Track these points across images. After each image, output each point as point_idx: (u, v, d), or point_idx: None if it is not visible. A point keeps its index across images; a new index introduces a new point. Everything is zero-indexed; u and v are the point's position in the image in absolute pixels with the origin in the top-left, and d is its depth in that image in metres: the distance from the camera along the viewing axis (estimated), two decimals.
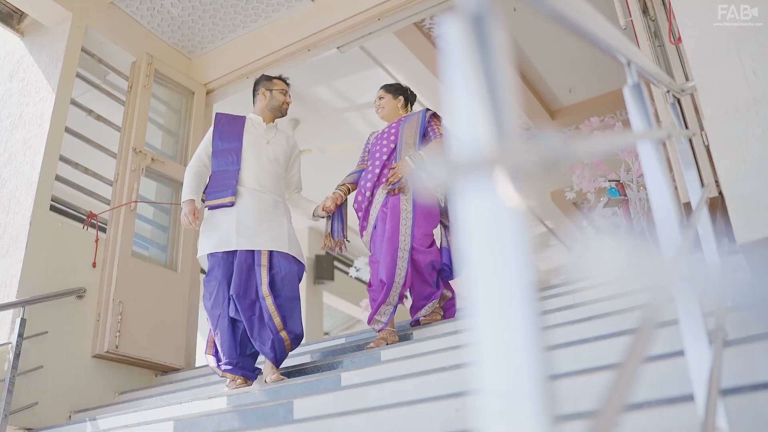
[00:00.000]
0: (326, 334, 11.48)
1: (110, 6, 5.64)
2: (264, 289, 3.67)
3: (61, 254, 4.73)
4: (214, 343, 3.73)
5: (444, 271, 4.10)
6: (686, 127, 3.32)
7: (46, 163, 4.79)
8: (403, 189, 3.97)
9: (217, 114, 4.16)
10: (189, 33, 6.11)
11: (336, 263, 10.56)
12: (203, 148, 4.06)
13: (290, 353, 3.89)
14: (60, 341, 4.55)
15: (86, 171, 5.24)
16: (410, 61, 7.02)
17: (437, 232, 4.22)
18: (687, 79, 3.64)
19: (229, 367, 3.66)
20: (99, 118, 5.46)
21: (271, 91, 4.16)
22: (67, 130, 5.07)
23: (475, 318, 0.47)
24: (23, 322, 4.23)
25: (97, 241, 4.98)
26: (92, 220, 4.99)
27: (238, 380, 3.65)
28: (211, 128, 4.10)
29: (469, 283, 0.48)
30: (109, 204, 5.24)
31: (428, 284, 3.95)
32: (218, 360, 3.71)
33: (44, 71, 5.17)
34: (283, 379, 3.53)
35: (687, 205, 3.22)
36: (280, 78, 4.24)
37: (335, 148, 7.81)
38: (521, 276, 0.46)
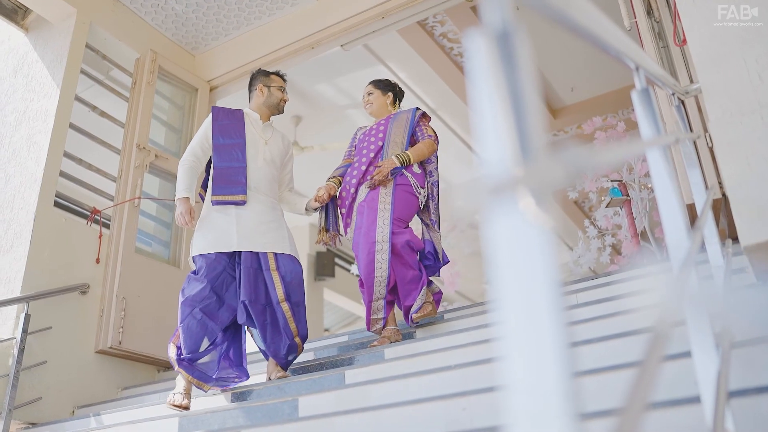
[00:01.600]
0: (326, 330, 11.50)
1: (115, 2, 5.65)
2: (280, 294, 3.58)
3: (64, 250, 4.75)
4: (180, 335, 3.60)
5: (426, 259, 4.05)
6: (690, 129, 3.33)
7: (50, 159, 4.79)
8: (384, 183, 3.92)
9: (214, 108, 4.05)
10: (193, 30, 6.12)
11: (337, 260, 10.57)
12: (198, 142, 3.91)
13: None
14: (64, 337, 4.56)
15: (90, 167, 5.25)
16: (413, 59, 7.03)
17: (418, 229, 4.19)
18: (691, 80, 3.66)
19: (186, 365, 3.49)
20: (103, 114, 5.47)
21: (269, 87, 4.06)
22: (72, 126, 5.09)
23: (504, 328, 0.49)
24: (27, 317, 4.24)
25: (100, 237, 4.99)
26: (96, 216, 5.01)
27: (182, 392, 3.42)
28: (208, 122, 3.96)
29: (498, 296, 0.49)
30: (112, 200, 5.25)
31: (409, 266, 3.81)
32: (179, 353, 3.55)
33: (48, 67, 5.18)
34: (287, 376, 3.54)
35: (690, 207, 3.24)
36: (277, 74, 4.15)
37: (337, 146, 7.82)
38: (548, 294, 0.48)
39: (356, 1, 5.55)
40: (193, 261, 3.72)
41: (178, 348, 3.57)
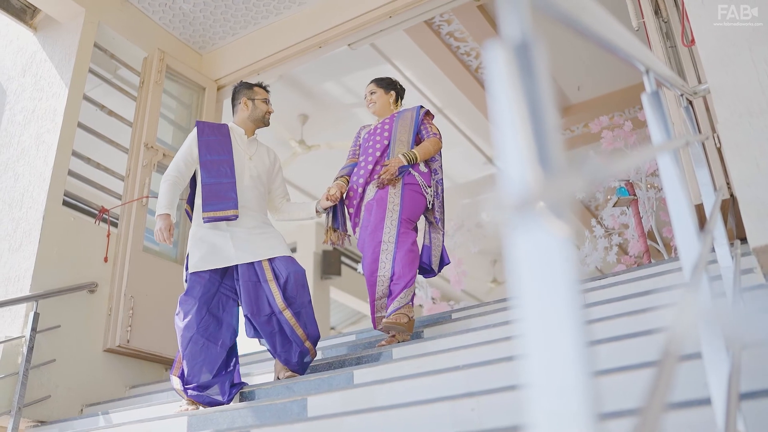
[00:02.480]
0: (332, 329, 11.52)
1: (123, 2, 5.67)
2: (280, 303, 3.55)
3: (73, 249, 4.77)
4: (182, 364, 3.54)
5: (424, 270, 4.07)
6: (698, 129, 3.33)
7: (58, 158, 4.81)
8: (393, 183, 3.91)
9: (198, 123, 3.97)
10: (200, 29, 6.14)
11: (343, 258, 10.59)
12: (182, 157, 3.83)
13: None
14: (72, 335, 4.59)
15: (98, 166, 5.28)
16: (419, 58, 7.04)
17: (421, 234, 4.19)
18: (699, 80, 3.66)
19: (195, 393, 3.45)
20: (111, 113, 5.49)
21: (253, 100, 3.99)
22: (80, 125, 5.11)
23: (527, 335, 0.50)
24: (36, 316, 4.27)
25: (108, 235, 5.01)
26: (104, 215, 5.03)
27: (191, 408, 3.43)
28: (193, 138, 3.88)
29: (520, 306, 0.50)
30: (120, 199, 5.27)
31: (405, 269, 3.75)
32: (184, 382, 3.51)
33: (57, 66, 5.20)
34: (295, 376, 3.55)
35: (698, 207, 3.24)
36: (260, 85, 4.09)
37: (344, 144, 7.83)
38: (570, 304, 0.49)
39: (363, 1, 5.56)
40: (187, 280, 3.66)
41: (181, 378, 3.53)
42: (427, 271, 4.07)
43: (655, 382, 0.67)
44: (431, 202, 4.03)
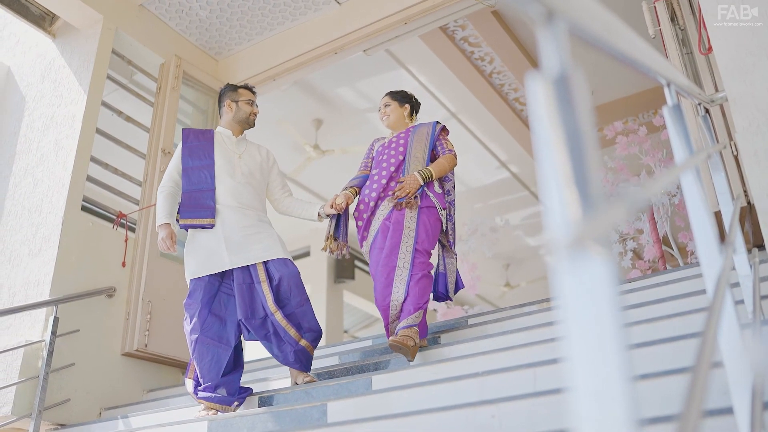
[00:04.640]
0: (345, 332, 11.56)
1: (140, 8, 5.72)
2: (271, 305, 3.57)
3: (91, 254, 4.82)
4: (195, 366, 3.62)
5: (440, 297, 4.06)
6: (715, 136, 3.34)
7: (77, 164, 4.86)
8: (411, 204, 3.82)
9: (184, 129, 4.01)
10: (216, 35, 6.18)
11: (357, 262, 10.62)
12: (174, 166, 3.91)
13: (316, 354, 3.90)
14: (91, 339, 4.63)
15: (116, 171, 5.32)
16: (434, 63, 7.06)
17: (434, 258, 4.16)
18: (716, 88, 3.67)
19: (206, 394, 3.53)
20: (128, 119, 5.54)
21: (236, 102, 4.03)
22: (98, 131, 5.15)
23: (576, 357, 0.53)
24: (56, 320, 4.31)
25: (126, 240, 5.06)
26: (122, 220, 5.07)
27: (211, 413, 3.47)
28: (180, 145, 3.96)
29: (569, 335, 0.53)
30: (138, 204, 5.32)
31: (417, 295, 3.66)
32: (196, 384, 3.61)
33: (76, 73, 5.25)
34: (314, 381, 3.57)
35: (715, 214, 3.25)
36: (245, 87, 4.11)
37: (358, 149, 7.86)
38: (615, 331, 0.51)
39: (379, 7, 5.58)
40: (189, 284, 3.72)
41: (195, 380, 3.61)
42: (441, 298, 4.03)
43: (688, 400, 0.69)
44: (445, 225, 3.98)
